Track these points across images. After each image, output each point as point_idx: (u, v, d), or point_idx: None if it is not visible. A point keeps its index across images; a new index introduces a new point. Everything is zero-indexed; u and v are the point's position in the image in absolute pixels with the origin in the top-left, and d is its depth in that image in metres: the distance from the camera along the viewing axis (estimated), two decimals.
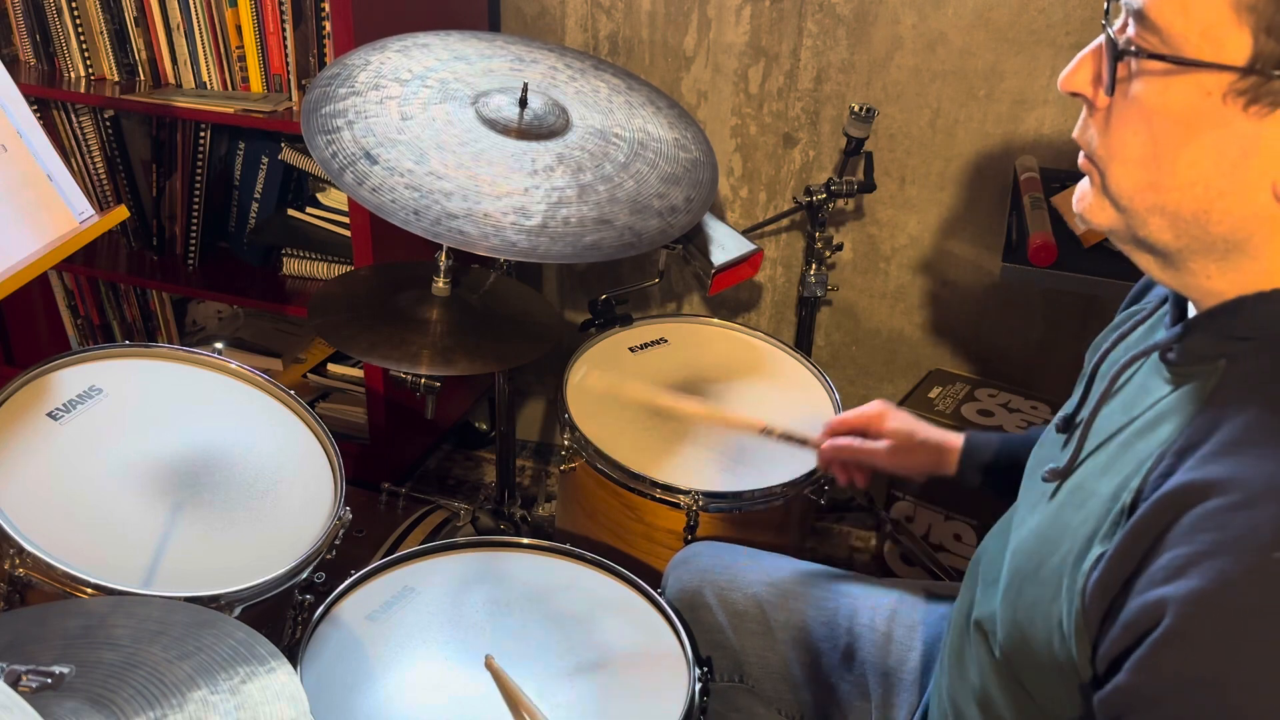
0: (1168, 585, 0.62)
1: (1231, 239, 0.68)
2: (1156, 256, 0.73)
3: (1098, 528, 0.71)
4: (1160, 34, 0.65)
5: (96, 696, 0.79)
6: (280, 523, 1.20)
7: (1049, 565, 0.75)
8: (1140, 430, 0.73)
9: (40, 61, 1.85)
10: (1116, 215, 0.72)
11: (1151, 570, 0.64)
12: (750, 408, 1.55)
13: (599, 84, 1.53)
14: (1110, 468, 0.74)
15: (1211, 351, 0.70)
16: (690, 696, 1.08)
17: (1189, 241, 0.69)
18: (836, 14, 1.78)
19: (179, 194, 1.93)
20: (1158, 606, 0.62)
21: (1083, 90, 0.72)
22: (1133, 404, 0.77)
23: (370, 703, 1.06)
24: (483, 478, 2.21)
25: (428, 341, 1.41)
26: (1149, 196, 0.69)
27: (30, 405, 1.20)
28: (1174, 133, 0.66)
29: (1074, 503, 0.76)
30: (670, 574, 1.24)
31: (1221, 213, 0.67)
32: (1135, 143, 0.68)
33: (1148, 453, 0.71)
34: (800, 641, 1.14)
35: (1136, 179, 0.69)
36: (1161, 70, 0.65)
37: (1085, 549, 0.71)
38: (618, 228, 1.31)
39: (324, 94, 1.33)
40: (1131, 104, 0.68)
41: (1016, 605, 0.79)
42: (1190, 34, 0.64)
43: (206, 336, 2.18)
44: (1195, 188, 0.67)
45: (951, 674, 0.91)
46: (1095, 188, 0.73)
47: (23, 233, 1.17)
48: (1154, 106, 0.67)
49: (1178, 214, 0.68)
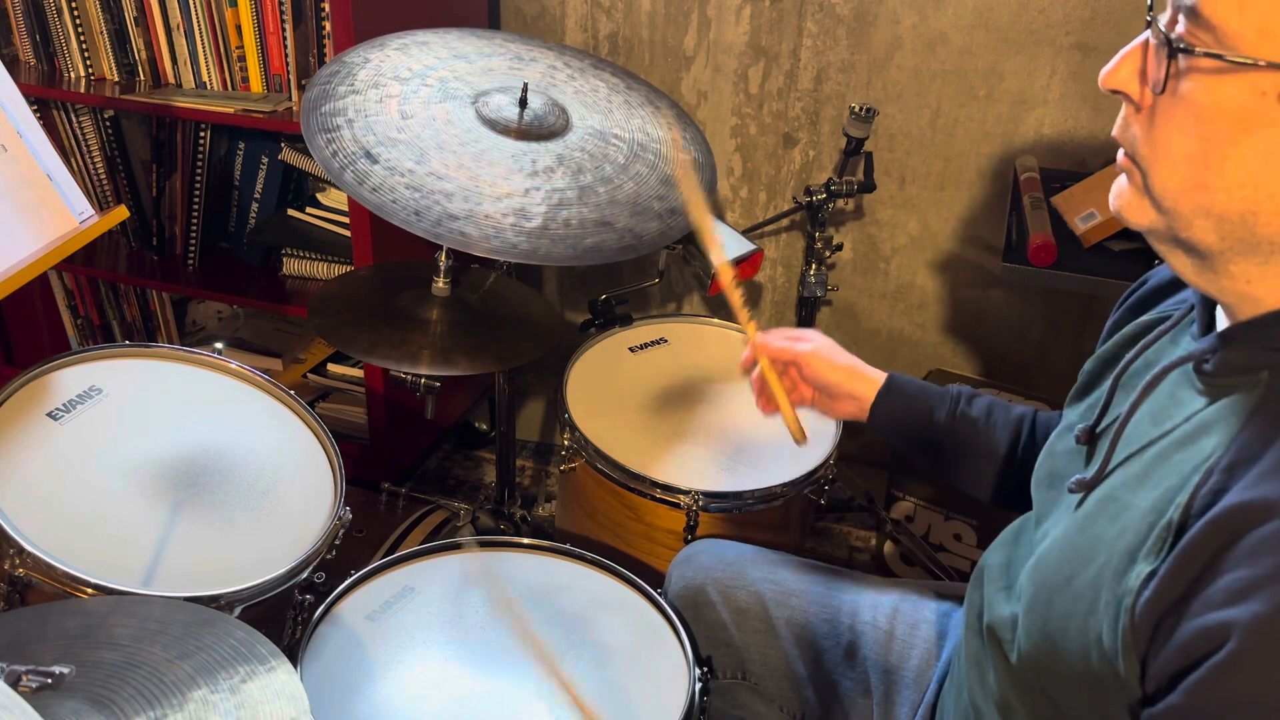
0: (1231, 609, 0.61)
1: (1277, 240, 0.66)
2: (1196, 258, 0.70)
3: (1139, 542, 0.69)
4: (1215, 31, 0.63)
5: (97, 696, 0.79)
6: (280, 523, 1.20)
7: (1082, 577, 0.74)
8: (1179, 442, 0.72)
9: (40, 61, 1.85)
10: (1158, 216, 0.70)
11: (1210, 592, 0.63)
12: (750, 408, 1.55)
13: (598, 83, 1.53)
14: (1146, 480, 0.73)
15: (1253, 363, 0.69)
16: (690, 696, 1.08)
17: (1234, 243, 0.67)
18: (836, 14, 1.78)
19: (179, 194, 1.93)
20: (1220, 630, 0.61)
21: (1126, 88, 0.69)
22: (1164, 414, 0.75)
23: (370, 702, 1.06)
24: (483, 478, 2.21)
25: (428, 341, 1.41)
26: (1195, 197, 0.67)
27: (30, 405, 1.20)
28: (1224, 132, 0.64)
29: (1107, 514, 0.75)
30: (673, 571, 1.24)
31: (1271, 214, 0.65)
32: (1182, 142, 0.66)
33: (1192, 466, 0.69)
34: (802, 639, 1.14)
35: (1183, 179, 0.67)
36: (1214, 69, 0.63)
37: (1127, 564, 0.70)
38: (618, 230, 1.31)
39: (324, 92, 1.33)
40: (1180, 102, 0.66)
41: (1047, 617, 0.77)
42: (1246, 32, 0.61)
43: (206, 336, 2.18)
44: (1245, 188, 0.64)
45: (970, 676, 0.91)
46: (1135, 187, 0.71)
47: (23, 233, 1.17)
48: (1204, 105, 0.64)
49: (1224, 215, 0.66)
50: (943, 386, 1.14)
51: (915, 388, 1.14)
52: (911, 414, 1.12)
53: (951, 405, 1.12)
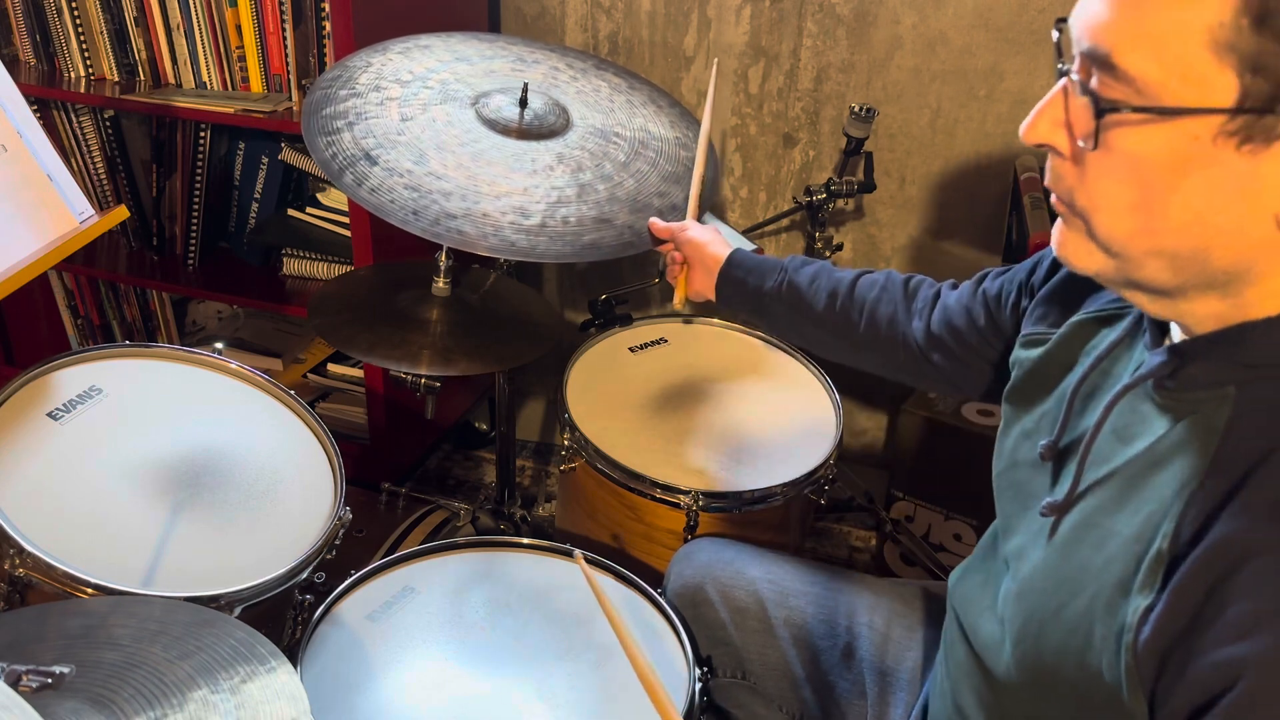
0: (1240, 644, 0.60)
1: (1233, 270, 0.65)
2: (1153, 294, 0.69)
3: (1129, 574, 0.69)
4: (1134, 83, 0.61)
5: (97, 696, 0.79)
6: (280, 523, 1.20)
7: (1072, 609, 0.73)
8: (1152, 464, 0.70)
9: (40, 61, 1.85)
10: (1108, 260, 0.69)
11: (1216, 626, 0.62)
12: (750, 408, 1.55)
13: (600, 84, 1.53)
14: (1125, 504, 0.71)
15: (1218, 378, 0.67)
16: (690, 696, 1.08)
17: (1189, 278, 0.66)
18: (836, 14, 1.78)
19: (179, 194, 1.93)
20: (1231, 666, 0.60)
21: (1050, 141, 0.68)
22: (1129, 432, 0.73)
23: (370, 702, 1.06)
24: (483, 478, 2.21)
25: (428, 341, 1.41)
26: (1143, 241, 0.66)
27: (30, 405, 1.20)
28: (1163, 179, 0.63)
29: (1090, 542, 0.73)
30: (673, 569, 1.24)
31: (1222, 248, 0.63)
32: (1122, 191, 0.65)
33: (1172, 491, 0.68)
34: (800, 639, 1.14)
35: (1128, 226, 0.66)
36: (1141, 120, 0.62)
37: (1119, 596, 0.69)
38: (617, 227, 1.31)
39: (325, 96, 1.33)
40: (1111, 155, 0.64)
41: (1040, 650, 0.76)
42: (1169, 81, 0.60)
43: (206, 336, 2.18)
44: (1192, 227, 0.63)
45: (961, 686, 0.91)
46: (1079, 233, 0.69)
47: (23, 233, 1.17)
48: (1138, 155, 0.63)
49: (1176, 254, 0.65)
50: (781, 259, 1.24)
51: (753, 262, 1.24)
52: (747, 285, 1.23)
53: (780, 274, 1.21)
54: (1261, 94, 0.58)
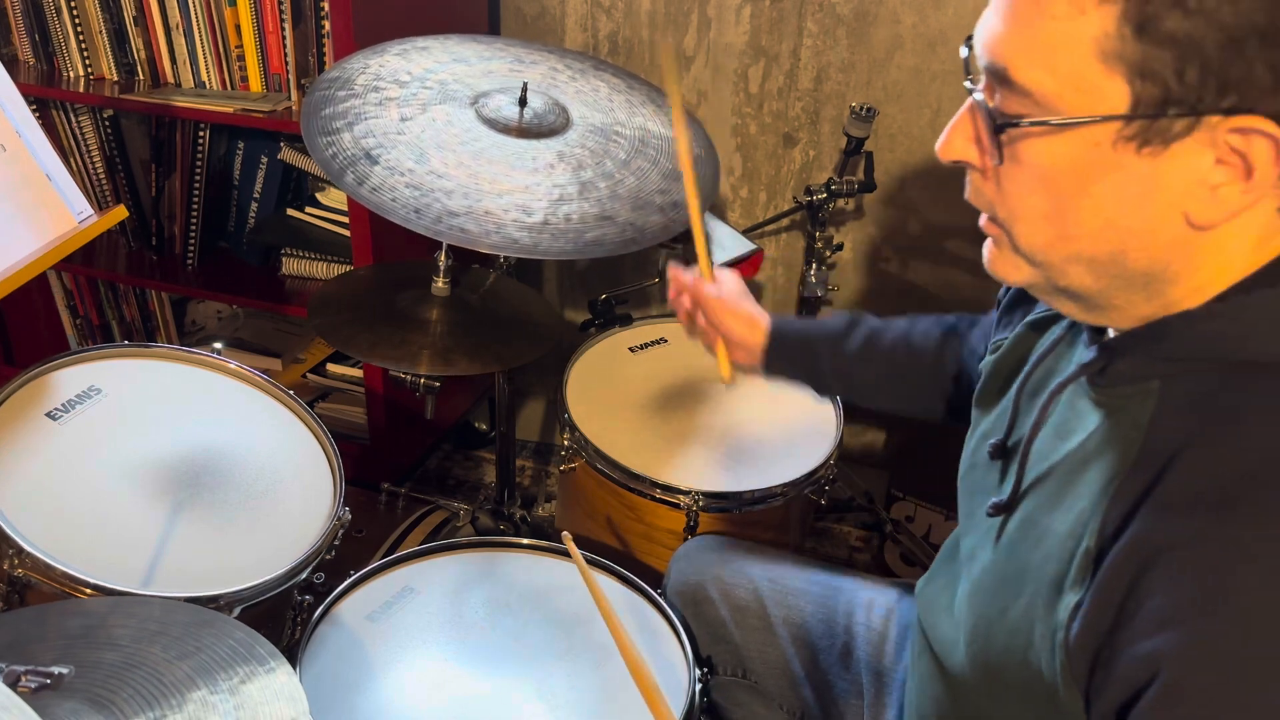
0: (1157, 638, 0.61)
1: (1151, 271, 0.66)
2: (1080, 302, 0.71)
3: (1063, 570, 0.70)
4: (1032, 96, 0.63)
5: (96, 697, 0.79)
6: (280, 523, 1.20)
7: (1016, 608, 0.74)
8: (1083, 460, 0.72)
9: (39, 61, 1.85)
10: (1033, 270, 0.71)
11: (1138, 621, 0.63)
12: (750, 408, 1.55)
13: (599, 84, 1.53)
14: (1060, 502, 0.73)
15: (1143, 373, 0.69)
16: (690, 697, 1.07)
17: (1109, 282, 0.68)
18: (836, 14, 1.78)
19: (178, 194, 1.93)
20: (1151, 660, 0.61)
21: (964, 157, 0.70)
22: (1066, 429, 0.75)
23: (370, 703, 1.05)
24: (483, 478, 2.21)
25: (428, 341, 1.41)
26: (1061, 248, 0.68)
27: (29, 405, 1.19)
28: (1071, 186, 0.65)
29: (1029, 540, 0.75)
30: (673, 567, 1.24)
31: (1137, 250, 0.66)
32: (1035, 201, 0.67)
33: (1099, 488, 0.69)
34: (799, 638, 1.14)
35: (1045, 234, 0.68)
36: (1044, 131, 0.64)
37: (1055, 594, 0.70)
38: (619, 224, 1.31)
39: (324, 97, 1.33)
40: (1021, 167, 0.66)
41: (988, 650, 0.77)
42: (1064, 92, 0.62)
43: (206, 336, 2.17)
44: (1106, 231, 0.65)
45: (925, 690, 0.92)
46: (1005, 247, 0.72)
47: (22, 232, 1.17)
48: (1044, 166, 0.65)
49: (1094, 259, 0.67)
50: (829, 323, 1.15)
51: (797, 339, 1.14)
52: (798, 367, 1.15)
53: (832, 350, 1.13)
54: (1152, 99, 0.60)
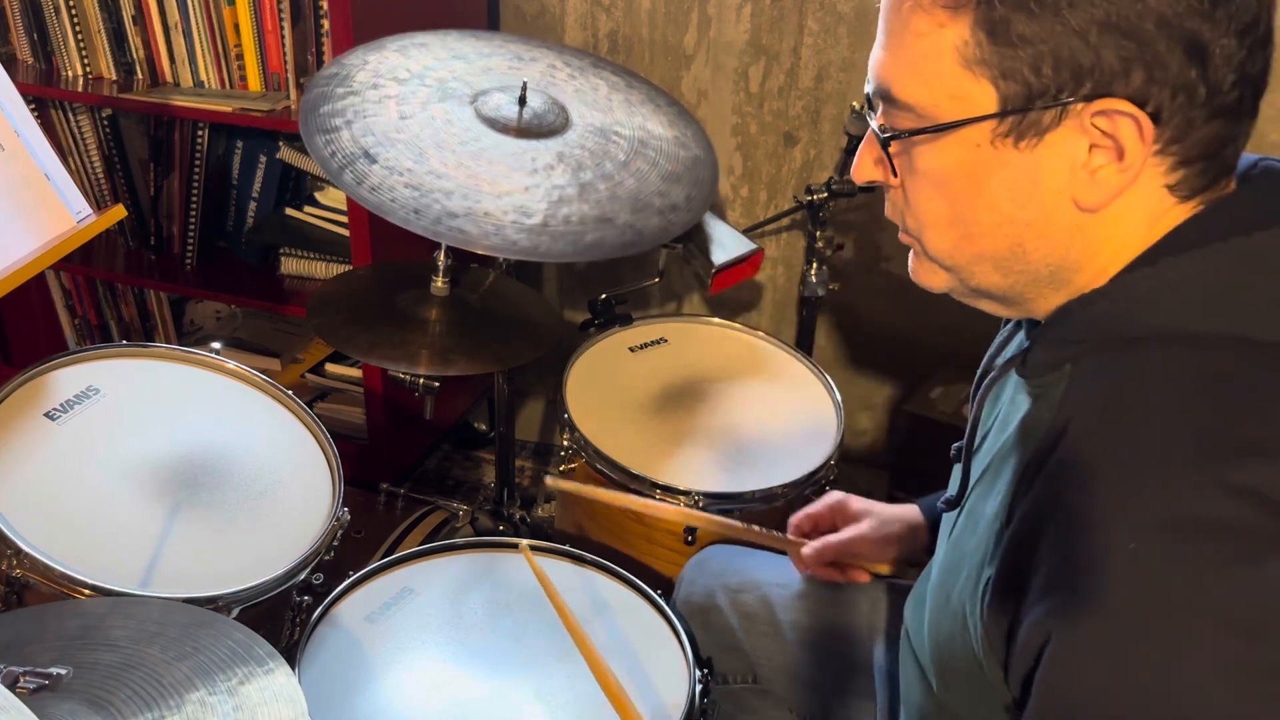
0: (1044, 603, 0.63)
1: (1052, 261, 0.70)
2: (998, 301, 0.76)
3: (987, 551, 0.72)
4: (914, 110, 0.69)
5: (94, 698, 0.79)
6: (278, 523, 1.20)
7: (954, 596, 0.77)
8: (1011, 447, 0.75)
9: (38, 60, 1.85)
10: (947, 275, 0.76)
11: (1031, 590, 0.65)
12: (750, 408, 1.54)
13: (598, 82, 1.52)
14: (992, 489, 0.76)
15: (1057, 358, 0.72)
16: (690, 697, 1.07)
17: (1017, 278, 0.72)
18: (837, 12, 1.78)
19: (177, 193, 1.93)
20: (1042, 626, 0.63)
21: (874, 177, 0.76)
22: (1006, 421, 0.78)
23: (369, 704, 1.05)
24: (482, 478, 2.20)
25: (427, 341, 1.41)
26: (966, 249, 0.73)
27: (28, 405, 1.19)
28: (964, 188, 0.70)
29: (969, 529, 0.78)
30: (684, 579, 1.25)
31: (1035, 241, 0.70)
32: (936, 207, 0.72)
33: (1019, 467, 0.72)
34: (808, 642, 1.14)
35: (950, 237, 0.73)
36: (929, 140, 0.69)
37: (979, 574, 0.73)
38: (619, 226, 1.31)
39: (322, 94, 1.32)
40: (918, 177, 0.72)
41: (938, 639, 0.80)
42: (939, 101, 0.68)
43: (204, 336, 2.17)
44: (1004, 227, 0.70)
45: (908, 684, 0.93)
46: (921, 256, 0.77)
47: (20, 232, 1.16)
48: (937, 171, 0.70)
49: (997, 256, 0.71)
50: None
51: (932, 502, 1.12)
52: None
53: None
54: (1017, 96, 0.65)
